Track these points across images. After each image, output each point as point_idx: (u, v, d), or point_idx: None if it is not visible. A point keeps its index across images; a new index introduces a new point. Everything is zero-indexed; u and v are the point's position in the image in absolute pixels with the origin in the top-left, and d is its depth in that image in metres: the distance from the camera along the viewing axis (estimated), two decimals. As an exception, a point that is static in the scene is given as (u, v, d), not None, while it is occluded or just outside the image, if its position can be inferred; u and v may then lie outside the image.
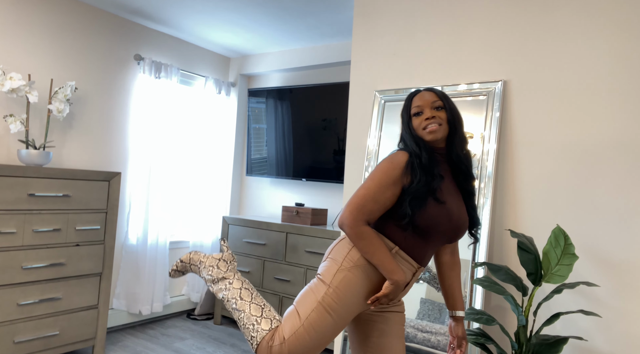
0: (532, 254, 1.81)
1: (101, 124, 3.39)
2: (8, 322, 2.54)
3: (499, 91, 2.22)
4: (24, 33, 2.97)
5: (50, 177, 2.69)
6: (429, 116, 1.50)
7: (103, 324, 2.96)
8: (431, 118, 1.50)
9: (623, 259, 1.92)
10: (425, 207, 1.43)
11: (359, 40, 2.74)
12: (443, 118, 1.52)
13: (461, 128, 1.56)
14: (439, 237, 1.48)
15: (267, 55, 4.14)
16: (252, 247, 3.61)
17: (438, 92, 1.56)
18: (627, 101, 1.95)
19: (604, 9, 2.02)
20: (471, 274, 2.14)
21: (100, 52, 3.37)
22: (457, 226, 1.49)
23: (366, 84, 2.68)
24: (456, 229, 1.49)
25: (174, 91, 3.77)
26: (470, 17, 2.36)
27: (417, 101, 1.55)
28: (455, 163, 1.55)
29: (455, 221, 1.48)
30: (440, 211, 1.44)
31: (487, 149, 2.20)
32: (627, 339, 1.89)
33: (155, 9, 3.29)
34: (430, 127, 1.49)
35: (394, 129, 2.51)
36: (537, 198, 2.12)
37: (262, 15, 3.26)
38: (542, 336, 1.81)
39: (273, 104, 4.04)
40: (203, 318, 3.94)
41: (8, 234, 2.53)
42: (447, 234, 1.49)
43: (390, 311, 1.57)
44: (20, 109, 2.95)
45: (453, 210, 1.47)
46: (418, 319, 2.26)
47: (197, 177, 4.08)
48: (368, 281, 1.48)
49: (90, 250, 2.89)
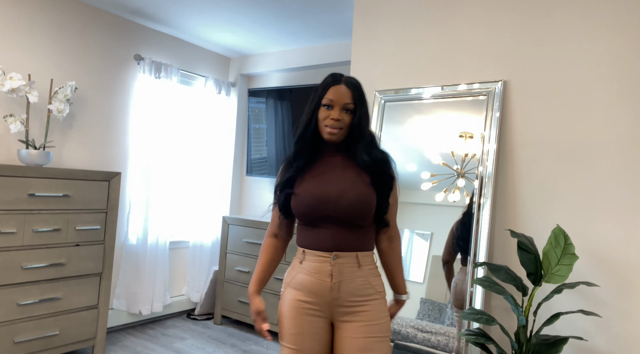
0: (532, 254, 1.81)
1: (101, 124, 3.39)
2: (8, 322, 2.54)
3: (499, 91, 2.22)
4: (24, 33, 2.97)
5: (50, 177, 2.69)
6: (336, 117, 1.49)
7: (103, 324, 2.96)
8: (336, 120, 1.49)
9: (623, 259, 1.92)
10: (289, 199, 1.56)
11: (359, 40, 2.74)
12: (347, 122, 1.51)
13: (362, 133, 1.53)
14: (321, 220, 1.51)
15: (267, 55, 4.14)
16: (252, 247, 3.61)
17: (355, 92, 1.52)
18: (626, 100, 1.95)
19: (604, 10, 2.02)
20: (471, 274, 2.14)
21: (100, 52, 3.37)
22: (321, 203, 1.49)
23: (366, 84, 2.68)
24: (322, 207, 1.49)
25: (174, 91, 3.77)
26: (470, 18, 2.36)
27: (332, 94, 1.50)
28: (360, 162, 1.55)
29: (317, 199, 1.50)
30: (300, 199, 1.52)
31: (487, 149, 2.20)
32: (627, 339, 1.89)
33: (155, 9, 3.29)
34: (330, 129, 1.50)
35: (395, 129, 2.51)
36: (537, 198, 2.12)
37: (262, 15, 3.26)
38: (542, 336, 1.81)
39: (273, 104, 4.04)
40: (203, 318, 3.93)
41: (8, 234, 2.53)
42: (318, 213, 1.50)
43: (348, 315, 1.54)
44: (20, 109, 2.95)
45: (312, 190, 1.51)
46: (418, 319, 2.26)
47: (197, 177, 4.08)
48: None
49: (90, 250, 2.89)
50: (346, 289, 1.48)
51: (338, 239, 1.50)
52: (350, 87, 1.52)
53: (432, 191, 2.34)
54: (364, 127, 1.53)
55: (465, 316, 1.83)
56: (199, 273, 4.03)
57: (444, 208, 2.30)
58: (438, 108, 2.39)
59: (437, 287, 2.27)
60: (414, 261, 2.33)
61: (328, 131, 1.50)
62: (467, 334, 1.85)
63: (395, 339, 2.30)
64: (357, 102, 1.51)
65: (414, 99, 2.48)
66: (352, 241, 1.51)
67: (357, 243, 1.51)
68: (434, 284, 2.28)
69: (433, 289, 2.28)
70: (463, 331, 1.91)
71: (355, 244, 1.51)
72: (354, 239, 1.51)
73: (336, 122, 1.49)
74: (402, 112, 2.51)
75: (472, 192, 2.21)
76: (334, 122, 1.49)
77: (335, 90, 1.51)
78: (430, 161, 2.36)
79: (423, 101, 2.44)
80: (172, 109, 3.78)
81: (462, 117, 2.31)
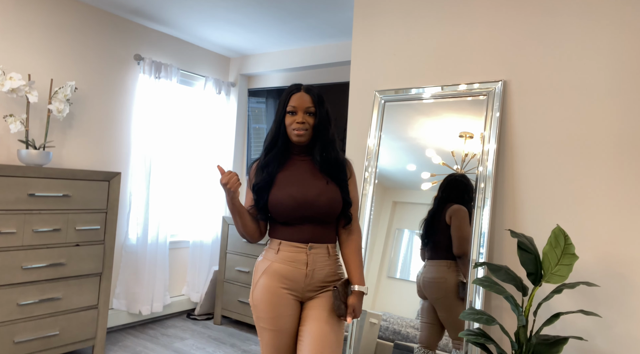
0: (532, 254, 1.81)
1: (101, 124, 3.39)
2: (8, 322, 2.54)
3: (499, 91, 2.22)
4: (24, 33, 2.97)
5: (50, 177, 2.69)
6: (300, 120, 1.68)
7: (103, 324, 2.96)
8: (301, 123, 1.68)
9: (623, 259, 1.92)
10: (264, 199, 1.70)
11: (359, 40, 2.74)
12: (311, 124, 1.70)
13: (326, 133, 1.73)
14: (298, 219, 1.68)
15: (267, 55, 4.13)
16: (252, 248, 3.61)
17: (314, 97, 1.72)
18: (626, 100, 1.95)
19: (604, 10, 2.02)
20: (471, 274, 2.14)
21: (100, 52, 3.37)
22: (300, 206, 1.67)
23: (366, 84, 2.68)
24: (301, 209, 1.67)
25: (174, 91, 3.77)
26: (470, 18, 2.36)
27: (294, 101, 1.70)
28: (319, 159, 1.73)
29: (297, 202, 1.67)
30: (280, 202, 1.67)
31: (487, 149, 2.20)
32: (627, 339, 1.89)
33: (155, 9, 3.29)
34: (297, 131, 1.68)
35: (394, 129, 2.51)
36: (537, 198, 2.12)
37: (262, 15, 3.26)
38: (542, 336, 1.81)
39: (273, 104, 4.04)
40: (203, 318, 3.93)
41: (8, 234, 2.53)
42: (298, 214, 1.67)
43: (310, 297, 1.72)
44: (20, 109, 2.95)
45: (292, 194, 1.67)
46: (418, 319, 2.26)
47: (197, 178, 4.08)
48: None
49: (90, 250, 2.89)
50: (317, 276, 1.69)
51: (313, 234, 1.70)
52: (309, 93, 1.73)
53: (432, 191, 2.34)
54: (326, 126, 1.73)
55: (465, 316, 1.83)
56: (199, 272, 4.03)
57: (444, 208, 2.30)
58: (438, 108, 2.39)
59: (437, 287, 2.27)
60: (413, 261, 2.33)
61: (295, 133, 1.69)
62: (467, 334, 1.85)
63: (395, 339, 2.30)
64: (316, 105, 1.71)
65: (414, 99, 2.48)
66: (324, 235, 1.72)
67: (328, 236, 1.73)
68: (434, 284, 2.28)
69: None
70: (463, 331, 1.91)
71: (326, 237, 1.72)
72: (325, 233, 1.72)
73: (301, 124, 1.69)
74: (402, 112, 2.51)
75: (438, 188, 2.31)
76: (300, 125, 1.69)
77: (297, 97, 1.72)
78: (430, 161, 2.36)
79: (423, 101, 2.44)
80: (172, 109, 3.77)
81: (462, 117, 2.31)
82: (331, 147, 1.74)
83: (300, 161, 1.77)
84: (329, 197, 1.69)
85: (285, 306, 1.67)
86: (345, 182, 1.75)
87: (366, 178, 2.53)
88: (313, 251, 1.69)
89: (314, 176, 1.73)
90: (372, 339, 2.34)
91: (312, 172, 1.75)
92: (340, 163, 1.75)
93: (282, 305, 1.67)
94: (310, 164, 1.76)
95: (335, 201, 1.70)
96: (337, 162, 1.74)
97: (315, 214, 1.68)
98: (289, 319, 1.68)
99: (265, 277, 1.69)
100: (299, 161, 1.77)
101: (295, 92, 1.73)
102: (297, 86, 1.75)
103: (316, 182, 1.71)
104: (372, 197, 2.49)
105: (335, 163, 1.74)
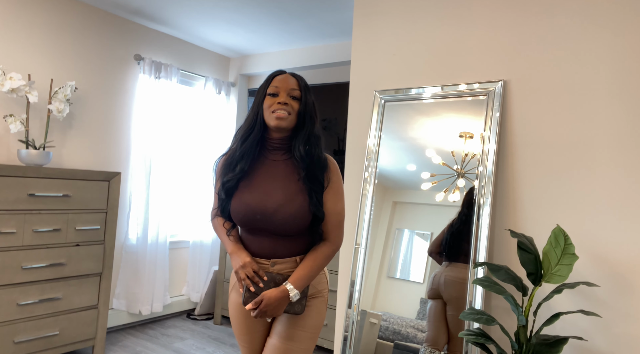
0: (532, 254, 1.81)
1: (101, 124, 3.39)
2: (8, 322, 2.54)
3: (499, 91, 2.22)
4: (24, 33, 2.97)
5: (50, 177, 2.69)
6: (282, 101, 1.46)
7: (103, 324, 2.96)
8: (283, 104, 1.46)
9: (623, 259, 1.92)
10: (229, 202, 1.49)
11: (359, 40, 2.74)
12: (295, 108, 1.48)
13: (311, 124, 1.51)
14: (258, 231, 1.47)
15: (267, 55, 4.13)
16: (252, 247, 3.61)
17: (301, 82, 1.52)
18: (627, 100, 1.95)
19: (604, 10, 2.02)
20: (471, 274, 2.14)
21: (100, 52, 3.37)
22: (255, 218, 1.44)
23: (366, 84, 2.68)
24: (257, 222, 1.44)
25: (174, 91, 3.77)
26: (471, 17, 2.36)
27: (277, 82, 1.49)
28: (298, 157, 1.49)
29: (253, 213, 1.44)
30: (238, 209, 1.46)
31: (487, 149, 2.20)
32: (627, 339, 1.89)
33: (155, 9, 3.29)
34: (278, 112, 1.45)
35: (394, 129, 2.51)
36: (537, 198, 2.12)
37: (262, 15, 3.26)
38: (542, 336, 1.81)
39: (273, 104, 4.04)
40: (203, 318, 3.93)
41: (8, 234, 2.53)
42: (254, 226, 1.46)
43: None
44: (20, 109, 2.95)
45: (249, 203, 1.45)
46: (418, 319, 2.26)
47: (197, 178, 4.08)
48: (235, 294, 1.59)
49: (90, 250, 2.89)
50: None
51: (276, 247, 1.48)
52: (295, 76, 1.53)
53: (432, 191, 2.34)
54: (312, 116, 1.52)
55: (465, 316, 1.83)
56: (199, 272, 4.03)
57: (444, 208, 2.30)
58: (438, 108, 2.39)
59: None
60: (413, 261, 2.33)
61: (276, 116, 1.45)
62: (467, 334, 1.85)
63: (395, 339, 2.30)
64: (302, 89, 1.51)
65: (414, 99, 2.48)
66: (291, 248, 1.49)
67: (296, 249, 1.50)
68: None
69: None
70: (463, 331, 1.91)
71: (294, 250, 1.49)
72: (292, 246, 1.49)
73: (283, 105, 1.46)
74: (402, 112, 2.51)
75: (469, 191, 2.22)
76: (282, 106, 1.45)
77: (280, 79, 1.50)
78: (430, 161, 2.36)
79: (423, 100, 2.44)
80: (172, 109, 3.78)
81: (462, 117, 2.31)
82: (315, 143, 1.50)
83: (272, 160, 1.53)
84: (293, 211, 1.44)
85: (254, 322, 1.56)
86: (320, 190, 1.49)
87: (366, 178, 2.53)
88: (277, 268, 1.48)
89: (284, 181, 1.49)
90: (372, 339, 2.34)
91: (283, 176, 1.50)
92: (322, 165, 1.50)
93: (251, 323, 1.56)
94: (283, 166, 1.52)
95: (298, 215, 1.44)
96: (319, 161, 1.50)
97: (274, 228, 1.46)
98: (258, 334, 1.58)
99: (234, 292, 1.59)
100: (270, 161, 1.53)
101: (279, 75, 1.52)
102: (281, 70, 1.55)
103: (283, 191, 1.47)
104: (372, 197, 2.49)
105: (317, 162, 1.49)
